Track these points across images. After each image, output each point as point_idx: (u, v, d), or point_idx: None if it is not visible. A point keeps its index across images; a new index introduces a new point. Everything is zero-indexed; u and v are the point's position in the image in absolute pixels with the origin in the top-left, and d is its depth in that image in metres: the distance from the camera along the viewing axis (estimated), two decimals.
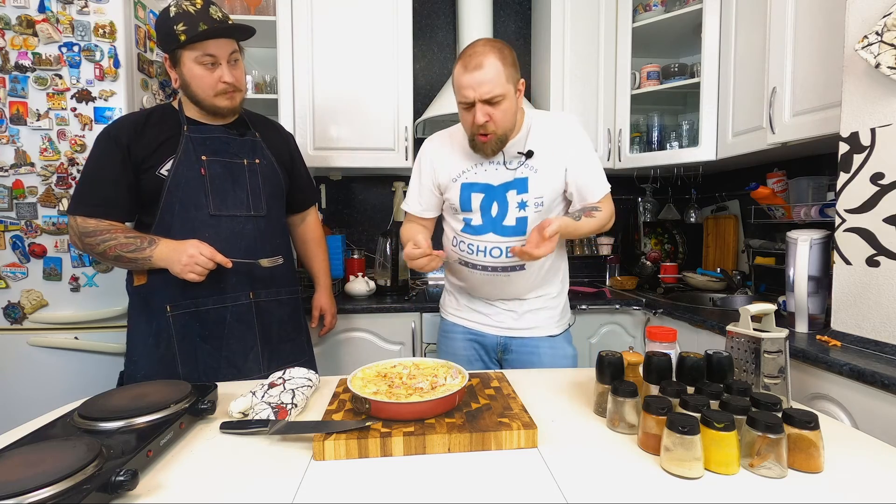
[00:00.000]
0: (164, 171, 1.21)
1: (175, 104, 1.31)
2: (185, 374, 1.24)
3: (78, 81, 1.64)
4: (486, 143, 1.22)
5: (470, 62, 1.15)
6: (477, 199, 1.30)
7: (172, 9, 1.18)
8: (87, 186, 1.21)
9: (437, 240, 1.32)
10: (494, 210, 1.29)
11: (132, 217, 1.28)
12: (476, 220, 1.31)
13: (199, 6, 1.18)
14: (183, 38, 1.15)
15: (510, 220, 1.28)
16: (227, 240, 1.25)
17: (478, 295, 1.41)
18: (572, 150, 1.27)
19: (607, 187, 1.31)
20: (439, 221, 1.45)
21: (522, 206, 1.27)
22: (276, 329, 1.36)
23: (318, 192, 1.56)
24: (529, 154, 1.26)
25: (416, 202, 1.41)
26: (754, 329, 0.91)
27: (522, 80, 1.23)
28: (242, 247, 1.28)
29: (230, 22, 1.25)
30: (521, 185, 1.27)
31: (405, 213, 1.46)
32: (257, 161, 1.34)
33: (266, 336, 1.33)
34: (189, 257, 1.14)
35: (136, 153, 1.21)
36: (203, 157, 1.25)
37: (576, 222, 1.22)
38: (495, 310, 1.38)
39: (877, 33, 1.12)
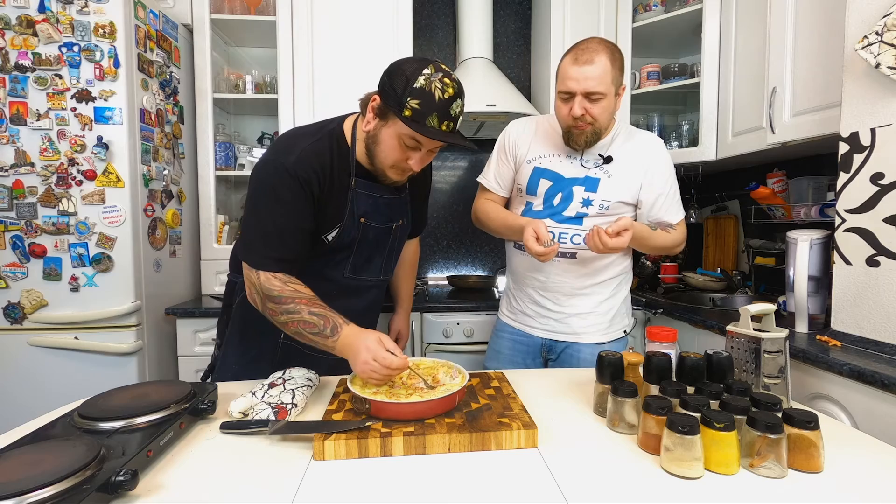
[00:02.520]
0: (329, 237, 1.10)
1: (347, 133, 1.11)
2: None
3: (78, 81, 1.64)
4: (581, 133, 1.25)
5: (581, 56, 1.19)
6: (544, 185, 1.32)
7: (421, 79, 0.95)
8: (271, 236, 1.02)
9: None
10: (557, 200, 1.31)
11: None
12: (537, 205, 1.34)
13: (448, 95, 0.96)
14: (408, 113, 0.96)
15: (570, 213, 1.30)
16: (347, 298, 1.16)
17: (527, 286, 1.40)
18: (654, 170, 1.30)
19: (682, 213, 1.34)
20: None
21: (587, 203, 1.29)
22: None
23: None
24: (608, 159, 1.29)
25: (493, 177, 1.45)
26: (754, 329, 0.91)
27: (624, 86, 1.26)
28: (359, 308, 1.19)
29: (457, 127, 1.02)
30: (591, 184, 1.29)
31: (480, 185, 1.49)
32: (401, 222, 1.22)
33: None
34: (363, 364, 0.91)
35: (320, 206, 1.06)
36: (361, 220, 1.11)
37: (650, 230, 1.26)
38: (542, 311, 1.38)
39: (877, 33, 1.12)
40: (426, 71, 0.96)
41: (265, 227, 1.03)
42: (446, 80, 0.97)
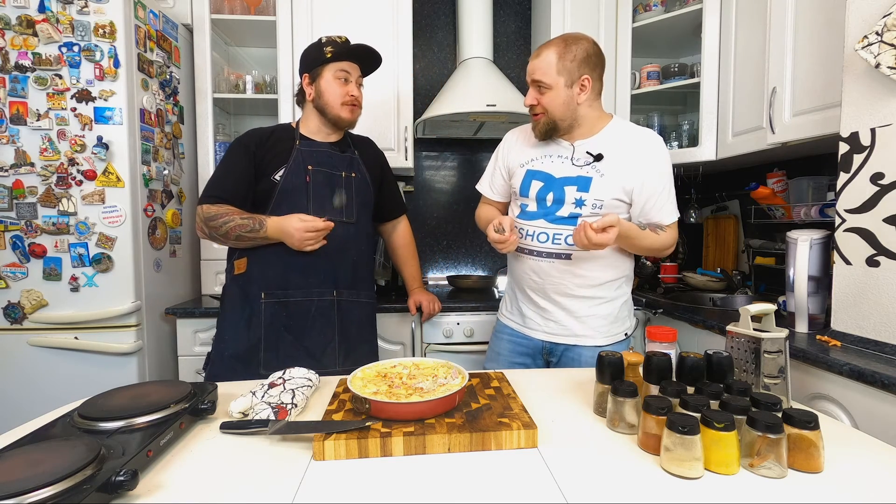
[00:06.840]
0: (276, 177, 1.41)
1: (293, 124, 1.52)
2: (267, 360, 1.35)
3: (78, 81, 1.64)
4: (536, 123, 1.32)
5: (537, 49, 1.29)
6: (536, 186, 1.33)
7: (323, 38, 1.44)
8: (215, 181, 1.43)
9: None
10: (549, 200, 1.31)
11: (247, 207, 1.43)
12: (531, 206, 1.35)
13: (343, 41, 1.44)
14: (329, 55, 1.40)
15: (563, 213, 1.30)
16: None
17: (525, 287, 1.40)
18: (650, 168, 1.28)
19: (675, 216, 1.33)
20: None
21: (580, 203, 1.28)
22: (355, 329, 1.48)
23: (405, 204, 1.80)
24: (599, 157, 1.29)
25: (487, 184, 1.52)
26: (754, 329, 0.91)
27: (587, 77, 1.26)
28: (331, 248, 1.41)
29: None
30: (583, 183, 1.29)
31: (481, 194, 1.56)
32: (353, 175, 1.50)
33: (344, 334, 1.45)
34: (297, 231, 1.32)
35: (259, 158, 1.42)
36: (309, 167, 1.42)
37: (639, 230, 1.25)
38: (542, 313, 1.37)
39: (877, 33, 1.12)
40: (322, 37, 1.44)
41: (213, 177, 1.45)
42: (333, 35, 1.45)
